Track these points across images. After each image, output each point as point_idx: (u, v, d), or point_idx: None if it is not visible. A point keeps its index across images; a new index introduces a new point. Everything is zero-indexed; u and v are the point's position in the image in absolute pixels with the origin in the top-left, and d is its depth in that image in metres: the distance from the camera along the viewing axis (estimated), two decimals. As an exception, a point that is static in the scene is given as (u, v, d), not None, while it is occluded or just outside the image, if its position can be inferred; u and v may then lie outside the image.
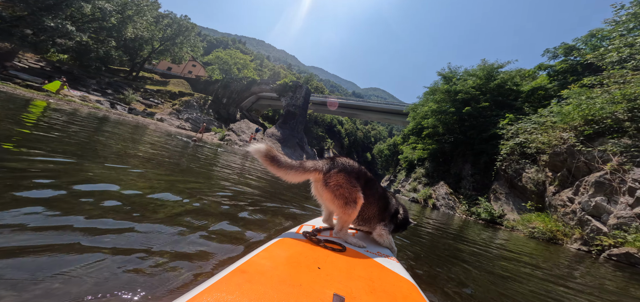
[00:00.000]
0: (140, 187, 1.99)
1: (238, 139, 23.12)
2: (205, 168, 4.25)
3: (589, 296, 2.37)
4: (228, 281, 0.67)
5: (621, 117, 6.96)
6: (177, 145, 7.04)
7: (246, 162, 8.27)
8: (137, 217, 1.41)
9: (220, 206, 2.05)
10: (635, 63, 8.49)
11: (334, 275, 0.86)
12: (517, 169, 10.13)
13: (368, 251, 1.23)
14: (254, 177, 4.52)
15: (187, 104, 29.31)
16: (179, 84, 36.51)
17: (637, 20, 10.11)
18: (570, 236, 6.63)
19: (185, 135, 13.37)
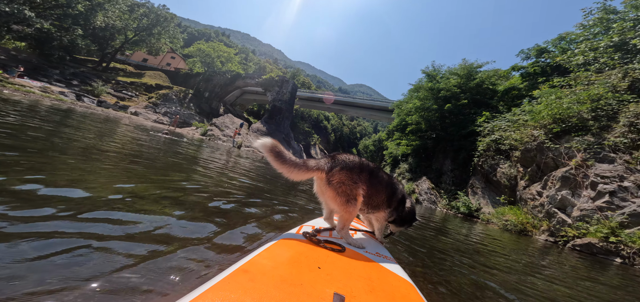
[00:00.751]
0: (105, 189, 1.82)
1: (221, 134, 22.46)
2: (186, 167, 4.04)
3: (556, 281, 2.51)
4: (231, 280, 0.69)
5: (586, 116, 7.47)
6: (152, 140, 6.67)
7: (231, 158, 8.03)
8: (98, 230, 1.27)
9: (203, 216, 1.92)
10: (599, 66, 9.15)
11: (334, 275, 0.88)
12: (492, 164, 10.63)
13: (367, 252, 1.24)
14: (240, 175, 4.38)
15: (165, 98, 27.77)
16: (155, 76, 34.51)
17: (602, 26, 10.87)
18: (538, 227, 7.07)
19: (159, 129, 12.35)
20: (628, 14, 9.70)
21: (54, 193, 1.50)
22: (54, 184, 1.66)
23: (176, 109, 26.77)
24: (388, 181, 1.46)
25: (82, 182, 1.84)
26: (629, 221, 5.16)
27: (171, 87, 31.50)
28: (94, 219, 1.31)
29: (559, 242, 6.15)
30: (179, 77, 37.66)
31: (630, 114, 6.49)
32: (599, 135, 6.86)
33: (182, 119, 25.94)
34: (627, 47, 8.72)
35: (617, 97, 7.18)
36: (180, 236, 1.38)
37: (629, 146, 6.11)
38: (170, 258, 1.12)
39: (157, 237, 1.30)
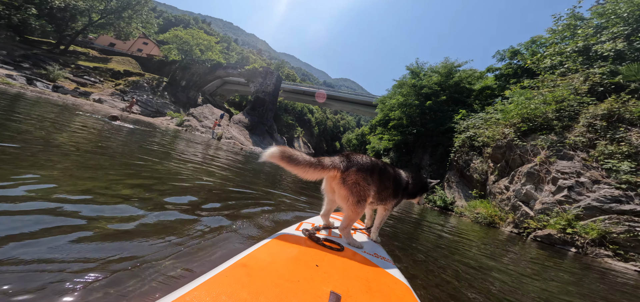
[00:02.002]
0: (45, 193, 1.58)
1: (200, 125, 21.54)
2: (153, 161, 3.75)
3: (517, 268, 2.65)
4: (229, 273, 0.69)
5: (551, 116, 7.97)
6: (118, 132, 6.18)
7: (209, 150, 7.67)
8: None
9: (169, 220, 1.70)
10: (564, 70, 9.78)
11: (332, 273, 0.88)
12: (466, 160, 11.12)
13: (365, 252, 1.25)
14: (221, 169, 4.15)
15: (135, 85, 25.86)
16: (124, 62, 31.91)
17: (569, 31, 11.59)
18: (505, 220, 7.52)
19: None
20: (592, 21, 10.41)
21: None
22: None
23: (148, 97, 25.06)
24: (394, 176, 1.54)
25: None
26: (583, 214, 5.61)
27: (142, 74, 29.33)
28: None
29: (523, 234, 6.58)
30: (152, 64, 35.27)
31: (589, 115, 7.00)
32: (561, 134, 7.36)
33: (154, 108, 24.38)
34: (589, 52, 9.37)
35: (578, 99, 7.71)
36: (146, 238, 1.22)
37: (586, 145, 6.62)
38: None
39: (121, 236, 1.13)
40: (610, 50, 8.47)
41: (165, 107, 26.23)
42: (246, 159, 9.10)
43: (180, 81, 32.41)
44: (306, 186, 5.30)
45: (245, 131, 27.34)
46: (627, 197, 5.21)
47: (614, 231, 4.97)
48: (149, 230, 1.32)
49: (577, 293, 2.45)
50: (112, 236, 1.17)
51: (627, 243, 4.79)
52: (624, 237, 4.83)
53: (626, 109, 6.42)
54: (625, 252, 4.75)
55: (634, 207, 5.00)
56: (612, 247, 4.90)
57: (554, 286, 2.48)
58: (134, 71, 29.33)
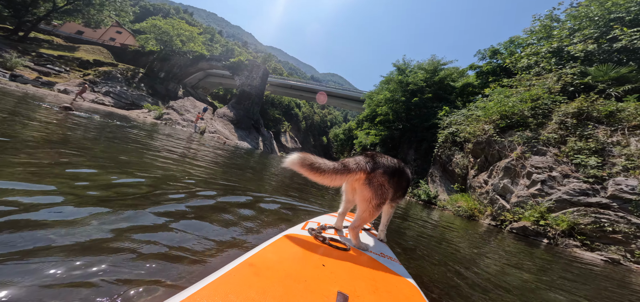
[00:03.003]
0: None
1: (181, 119, 20.69)
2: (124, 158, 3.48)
3: (494, 256, 2.73)
4: (237, 272, 0.70)
5: (526, 114, 8.34)
6: (87, 126, 5.74)
7: (191, 145, 7.31)
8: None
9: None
10: (538, 69, 10.26)
11: (338, 273, 0.88)
12: (448, 155, 11.46)
13: (371, 252, 1.24)
14: (205, 163, 3.93)
15: (107, 76, 24.19)
16: (94, 51, 29.73)
17: (545, 32, 12.15)
18: (483, 212, 7.84)
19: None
20: (567, 23, 10.95)
21: None
22: None
23: (121, 88, 23.52)
24: (407, 175, 1.54)
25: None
26: (554, 206, 5.95)
27: (115, 64, 27.48)
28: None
29: (500, 226, 6.90)
30: (126, 54, 33.18)
31: (561, 113, 7.39)
32: (536, 131, 7.73)
33: (128, 100, 22.98)
34: (562, 53, 9.87)
35: (552, 98, 8.12)
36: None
37: (558, 141, 6.99)
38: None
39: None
40: (581, 52, 8.97)
41: (142, 99, 24.82)
42: (232, 155, 8.83)
43: (159, 73, 30.80)
44: (292, 182, 5.20)
45: (230, 125, 26.63)
46: (594, 190, 5.56)
47: (582, 222, 5.30)
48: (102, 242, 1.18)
49: (547, 281, 2.56)
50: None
51: (593, 234, 5.14)
52: (590, 228, 5.17)
53: (594, 107, 6.83)
54: (592, 243, 5.09)
55: (600, 200, 5.35)
56: (580, 237, 5.23)
57: (528, 275, 2.58)
58: (105, 61, 27.40)
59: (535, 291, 2.20)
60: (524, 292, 2.06)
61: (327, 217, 1.73)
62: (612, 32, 8.59)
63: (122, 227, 1.28)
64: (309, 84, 43.74)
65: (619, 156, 5.67)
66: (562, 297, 2.13)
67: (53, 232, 1.08)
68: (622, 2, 9.04)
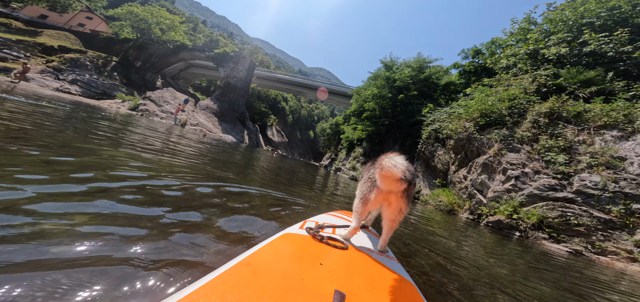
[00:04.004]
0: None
1: (159, 110, 19.78)
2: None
3: (471, 247, 2.85)
4: (234, 272, 0.70)
5: (504, 113, 8.72)
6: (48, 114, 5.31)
7: (171, 138, 6.97)
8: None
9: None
10: (516, 70, 10.73)
11: (336, 272, 0.88)
12: (431, 151, 11.81)
13: (370, 250, 1.24)
14: (187, 158, 3.74)
15: (74, 63, 22.41)
16: (60, 36, 27.37)
17: (523, 34, 12.69)
18: (462, 207, 8.17)
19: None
20: (543, 26, 11.48)
21: None
22: None
23: (91, 77, 21.95)
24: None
25: None
26: (526, 201, 6.30)
27: (84, 51, 25.53)
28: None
29: (477, 220, 7.23)
30: (97, 41, 30.92)
31: (535, 112, 7.79)
32: (512, 129, 8.11)
33: (99, 89, 21.55)
34: (538, 55, 10.37)
35: (527, 98, 8.53)
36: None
37: (531, 139, 7.38)
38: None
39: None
40: (554, 55, 9.46)
41: (115, 89, 23.30)
42: (213, 149, 8.56)
43: (135, 62, 29.07)
44: (274, 175, 5.14)
45: (214, 118, 25.85)
46: (561, 185, 5.95)
47: (550, 216, 5.66)
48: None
49: (515, 270, 2.71)
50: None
51: (559, 227, 5.51)
52: (557, 222, 5.54)
53: (564, 108, 7.25)
54: (558, 235, 5.46)
55: (566, 195, 5.73)
56: (548, 230, 5.59)
57: (500, 265, 2.72)
58: (72, 47, 25.28)
59: (506, 277, 2.32)
60: (495, 279, 2.16)
61: (325, 217, 1.71)
62: (582, 37, 9.11)
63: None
64: (296, 78, 43.25)
65: (584, 153, 6.08)
66: (529, 283, 2.26)
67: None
68: (593, 8, 9.59)
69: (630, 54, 8.07)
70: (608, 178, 5.36)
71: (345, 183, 11.48)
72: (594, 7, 9.60)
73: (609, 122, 6.24)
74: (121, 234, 1.24)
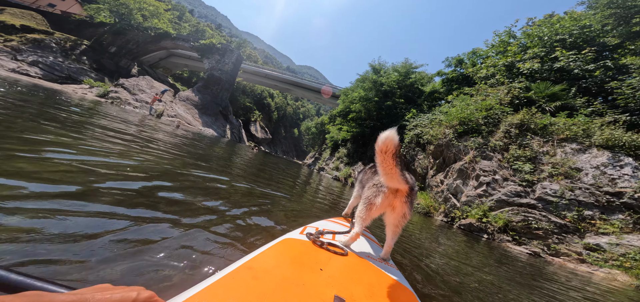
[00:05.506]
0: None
1: (132, 99, 18.72)
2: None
3: (444, 249, 3.01)
4: (235, 276, 0.71)
5: (480, 122, 9.20)
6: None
7: (142, 129, 6.63)
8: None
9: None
10: (494, 81, 11.35)
11: (336, 277, 0.89)
12: (413, 155, 12.22)
13: (369, 257, 1.25)
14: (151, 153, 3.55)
15: (37, 44, 20.55)
16: (24, 15, 24.88)
17: (502, 47, 13.43)
18: (438, 210, 8.55)
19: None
20: (521, 40, 12.21)
21: None
22: None
23: (55, 59, 20.24)
24: None
25: None
26: (495, 206, 6.72)
27: (51, 32, 23.52)
28: None
29: (450, 222, 7.60)
30: (67, 23, 28.55)
31: (507, 123, 8.30)
32: (487, 138, 8.59)
33: (63, 73, 19.91)
34: (514, 68, 11.04)
35: (502, 109, 9.06)
36: None
37: (502, 148, 7.87)
38: None
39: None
40: (528, 69, 10.12)
41: (83, 73, 21.56)
42: (184, 142, 8.29)
43: (109, 47, 27.27)
44: (256, 173, 5.09)
45: (194, 110, 24.99)
46: (525, 192, 6.41)
47: (514, 220, 6.09)
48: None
49: (479, 266, 2.92)
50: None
51: (522, 230, 5.94)
52: (520, 226, 5.97)
53: (533, 120, 7.80)
54: (520, 238, 5.89)
55: (529, 201, 6.19)
56: (511, 233, 6.01)
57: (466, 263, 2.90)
58: (37, 28, 23.07)
59: (472, 274, 2.48)
60: (464, 276, 2.32)
61: (325, 223, 1.73)
62: (555, 53, 9.80)
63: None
64: (284, 75, 42.85)
65: (547, 163, 6.59)
66: (489, 277, 2.44)
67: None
68: (568, 25, 10.32)
69: (592, 72, 8.82)
70: (566, 187, 5.85)
71: (328, 184, 11.59)
72: (568, 24, 10.33)
73: (569, 136, 6.81)
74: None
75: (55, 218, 1.27)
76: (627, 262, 4.55)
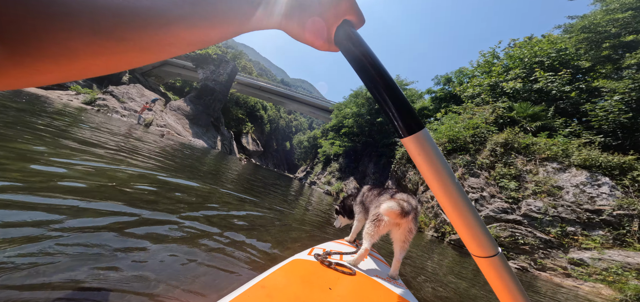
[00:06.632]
0: None
1: (120, 107, 18.34)
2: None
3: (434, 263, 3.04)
4: (250, 294, 0.73)
5: (468, 140, 9.53)
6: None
7: (128, 140, 6.45)
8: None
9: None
10: (479, 100, 11.89)
11: (345, 296, 0.91)
12: (403, 171, 12.43)
13: (378, 276, 1.27)
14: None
15: None
16: None
17: (487, 67, 14.15)
18: (428, 225, 8.65)
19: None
20: (503, 61, 12.93)
21: None
22: None
23: None
24: None
25: None
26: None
27: None
28: None
29: (441, 238, 7.69)
30: None
31: (493, 142, 8.65)
32: (474, 156, 8.90)
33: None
34: (497, 88, 11.62)
35: (487, 127, 9.46)
36: None
37: (489, 166, 8.16)
38: None
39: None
40: (511, 89, 10.67)
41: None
42: (167, 153, 8.13)
43: (101, 51, 26.92)
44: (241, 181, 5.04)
45: (185, 120, 24.67)
46: (512, 209, 6.62)
47: (502, 235, 6.24)
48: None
49: (472, 281, 2.96)
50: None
51: (510, 246, 6.09)
52: (508, 241, 6.12)
53: (516, 139, 8.17)
54: (508, 253, 6.02)
55: (515, 217, 6.38)
56: (500, 249, 6.14)
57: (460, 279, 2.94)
58: None
59: (468, 290, 2.52)
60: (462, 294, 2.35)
61: (332, 244, 1.76)
62: (534, 74, 10.42)
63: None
64: (278, 88, 43.23)
65: (530, 181, 6.87)
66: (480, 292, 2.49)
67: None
68: (546, 48, 11.06)
69: (568, 93, 9.41)
70: (549, 204, 6.10)
71: (319, 198, 11.55)
72: (546, 47, 11.08)
73: (550, 155, 7.16)
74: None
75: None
76: (609, 276, 4.73)
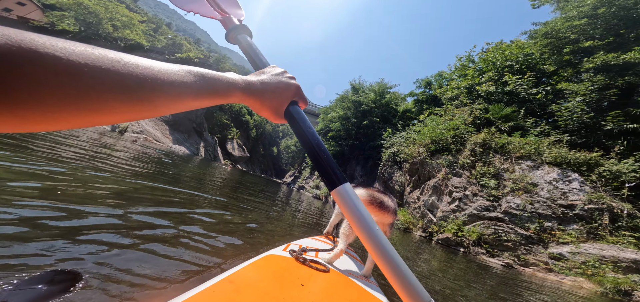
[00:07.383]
0: None
1: None
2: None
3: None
4: (216, 289, 0.71)
5: (449, 141, 9.94)
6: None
7: (96, 148, 6.00)
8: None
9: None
10: (458, 102, 12.45)
11: (317, 293, 0.90)
12: (390, 173, 12.69)
13: (351, 274, 1.27)
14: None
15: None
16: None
17: (463, 70, 14.83)
18: (416, 225, 8.87)
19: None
20: (478, 65, 13.63)
21: None
22: None
23: None
24: None
25: None
26: (468, 220, 7.17)
27: None
28: None
29: (428, 237, 7.90)
30: (23, 28, 26.32)
31: (472, 142, 9.07)
32: (456, 156, 9.28)
33: None
34: (473, 90, 12.24)
35: (466, 128, 9.91)
36: None
37: (470, 165, 8.54)
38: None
39: None
40: (485, 91, 11.29)
41: None
42: (130, 164, 7.75)
43: (68, 56, 25.24)
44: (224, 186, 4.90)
45: (165, 126, 23.70)
46: (493, 206, 6.95)
47: (486, 233, 6.53)
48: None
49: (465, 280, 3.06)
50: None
51: (494, 243, 6.38)
52: (492, 238, 6.41)
53: (493, 139, 8.63)
54: (493, 250, 6.30)
55: (497, 214, 6.71)
56: (485, 246, 6.42)
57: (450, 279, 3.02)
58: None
59: (460, 290, 2.59)
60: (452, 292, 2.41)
61: (309, 240, 1.74)
62: (504, 77, 11.10)
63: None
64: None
65: (508, 179, 7.27)
66: (473, 291, 2.57)
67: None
68: (515, 52, 11.83)
69: (535, 95, 10.11)
70: (526, 200, 6.48)
71: (308, 202, 11.49)
72: (515, 51, 11.87)
73: (524, 154, 7.63)
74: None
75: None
76: (588, 270, 5.03)
